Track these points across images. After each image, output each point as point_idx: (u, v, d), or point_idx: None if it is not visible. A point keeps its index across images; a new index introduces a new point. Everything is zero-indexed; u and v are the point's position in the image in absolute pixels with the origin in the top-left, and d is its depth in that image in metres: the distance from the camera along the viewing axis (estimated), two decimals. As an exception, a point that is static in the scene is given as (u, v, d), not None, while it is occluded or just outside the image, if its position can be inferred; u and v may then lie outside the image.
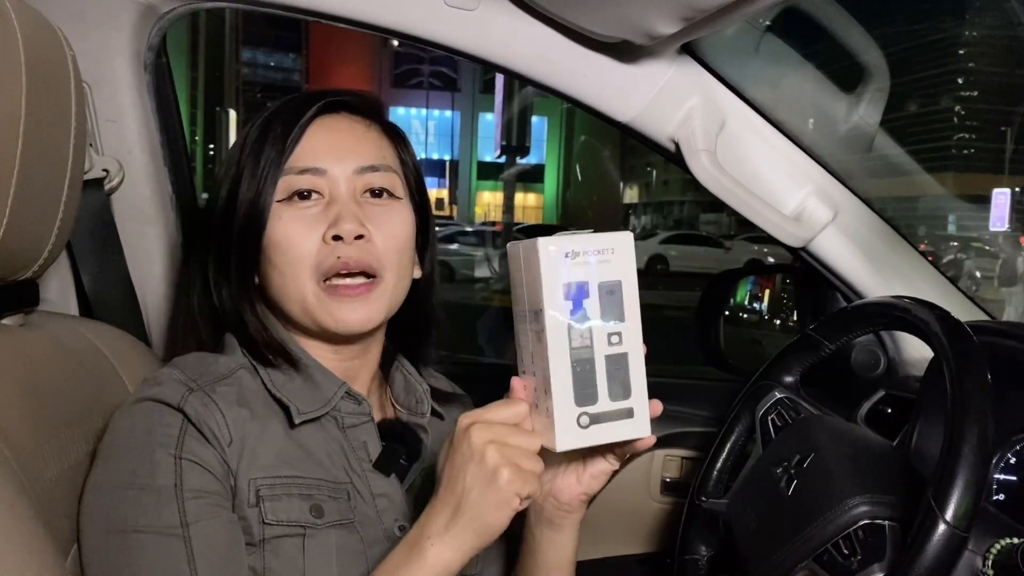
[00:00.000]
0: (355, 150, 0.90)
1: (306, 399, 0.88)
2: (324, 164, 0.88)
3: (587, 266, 0.70)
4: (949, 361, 0.84)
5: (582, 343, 0.70)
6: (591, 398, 0.71)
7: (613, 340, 0.71)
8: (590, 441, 0.72)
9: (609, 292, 0.71)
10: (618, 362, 0.71)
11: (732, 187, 1.23)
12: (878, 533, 0.85)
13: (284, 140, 0.88)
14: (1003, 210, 17.48)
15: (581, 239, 0.70)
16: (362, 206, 0.88)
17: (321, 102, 0.90)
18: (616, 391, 0.72)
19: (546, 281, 0.69)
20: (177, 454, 0.78)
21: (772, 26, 1.40)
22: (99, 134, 1.16)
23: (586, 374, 0.71)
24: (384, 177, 0.90)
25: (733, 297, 1.70)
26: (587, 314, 0.70)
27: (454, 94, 43.31)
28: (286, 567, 0.80)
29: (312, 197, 0.88)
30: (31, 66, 0.72)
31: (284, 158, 0.87)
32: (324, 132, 0.90)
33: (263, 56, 41.13)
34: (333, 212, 0.86)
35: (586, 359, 0.71)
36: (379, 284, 0.88)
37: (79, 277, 1.15)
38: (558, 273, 0.70)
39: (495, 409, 0.75)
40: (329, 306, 0.87)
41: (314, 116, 0.90)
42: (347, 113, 0.93)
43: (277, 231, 0.87)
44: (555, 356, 0.70)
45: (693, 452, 1.44)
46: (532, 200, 45.14)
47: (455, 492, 0.73)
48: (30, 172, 0.74)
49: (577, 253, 0.70)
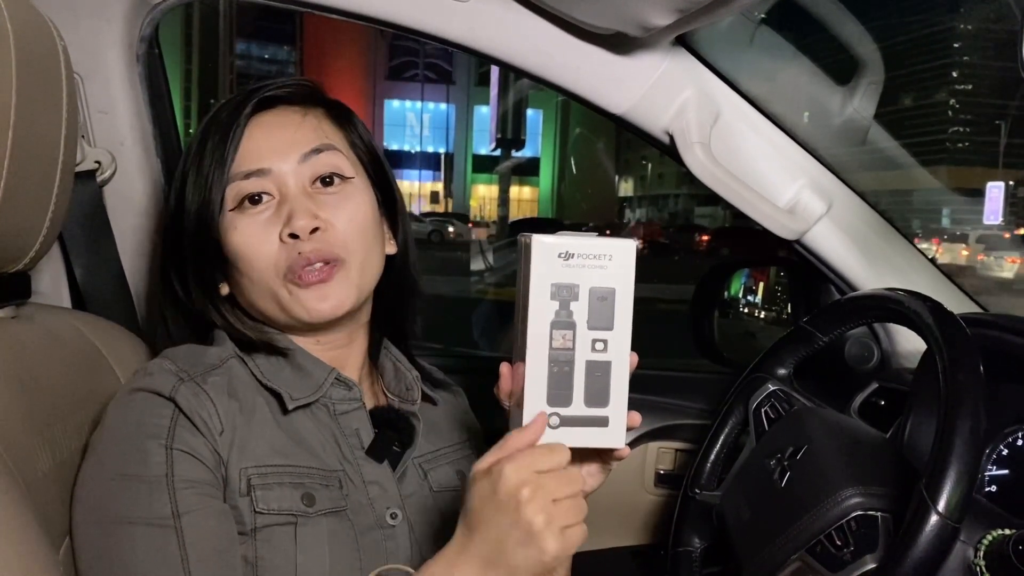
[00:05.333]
0: (294, 140, 0.89)
1: (297, 386, 0.88)
2: (267, 163, 0.87)
3: (580, 269, 0.69)
4: (942, 353, 0.84)
5: (563, 344, 0.70)
6: (564, 400, 0.70)
7: (597, 347, 0.70)
8: (558, 442, 0.71)
9: (600, 298, 0.70)
10: (599, 369, 0.71)
11: (726, 180, 1.23)
12: (871, 524, 0.85)
13: (224, 146, 0.87)
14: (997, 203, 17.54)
15: (579, 241, 0.70)
16: (313, 197, 0.87)
17: (253, 100, 0.89)
18: (593, 397, 0.71)
19: (535, 278, 0.69)
20: (168, 444, 0.78)
21: (767, 18, 1.40)
22: (91, 126, 1.15)
23: (563, 376, 0.70)
24: (329, 158, 0.89)
25: (727, 290, 1.71)
26: (572, 317, 0.70)
27: (449, 87, 43.23)
28: (278, 556, 0.80)
29: (263, 200, 0.87)
30: (22, 57, 0.72)
31: (227, 165, 0.87)
32: (262, 130, 0.89)
33: (257, 48, 40.99)
34: (285, 211, 0.86)
35: (565, 361, 0.70)
36: (341, 267, 0.87)
37: (71, 269, 1.14)
38: (548, 271, 0.69)
39: (537, 455, 0.69)
40: (299, 297, 0.86)
41: (250, 115, 0.89)
42: (283, 106, 0.92)
43: (235, 241, 0.87)
44: (533, 352, 0.70)
45: (687, 444, 1.44)
46: (527, 193, 45.14)
47: (487, 540, 0.69)
48: (21, 164, 0.73)
49: (571, 255, 0.69)
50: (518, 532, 0.67)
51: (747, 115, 1.27)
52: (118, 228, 1.17)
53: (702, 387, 1.50)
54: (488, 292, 12.25)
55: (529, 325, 0.69)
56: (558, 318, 0.70)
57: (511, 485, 0.67)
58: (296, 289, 0.86)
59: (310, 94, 0.94)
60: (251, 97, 0.90)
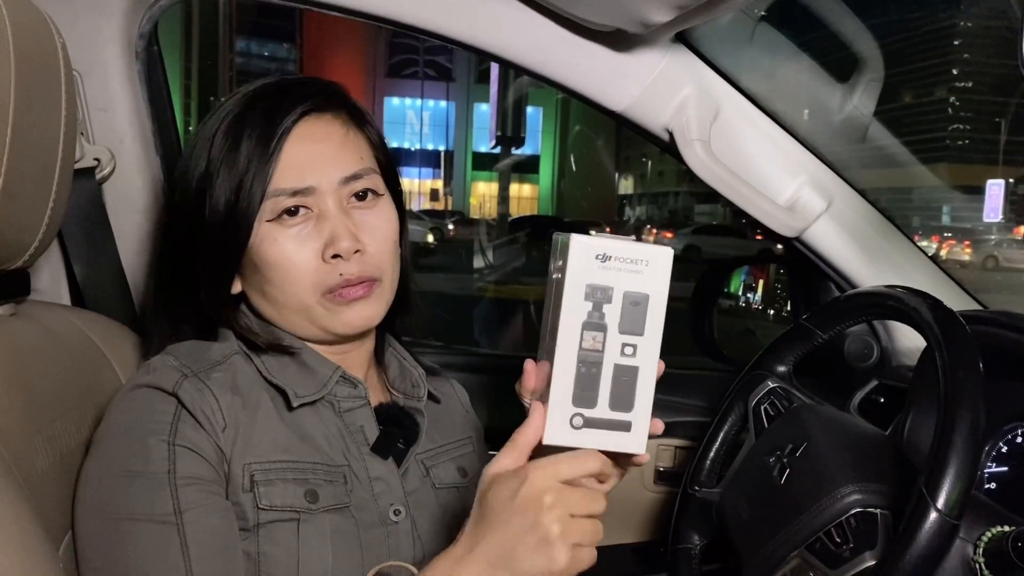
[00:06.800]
0: (337, 160, 0.88)
1: (302, 384, 0.88)
2: (311, 181, 0.86)
3: (617, 272, 0.69)
4: (941, 350, 0.84)
5: (593, 346, 0.70)
6: (590, 401, 0.71)
7: (627, 351, 0.70)
8: (579, 443, 0.71)
9: (634, 304, 0.70)
10: (627, 373, 0.71)
11: (726, 177, 1.23)
12: (870, 521, 0.85)
13: (266, 154, 0.85)
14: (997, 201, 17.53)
15: (617, 244, 0.70)
16: (350, 214, 0.87)
17: (298, 110, 0.87)
18: (618, 401, 0.71)
19: (571, 277, 0.69)
20: (170, 441, 0.78)
21: (766, 15, 1.40)
22: (90, 123, 1.15)
23: (590, 377, 0.70)
24: (367, 181, 0.90)
25: (727, 287, 1.71)
26: (605, 319, 0.70)
27: (449, 84, 43.21)
28: (281, 552, 0.80)
29: (301, 212, 0.87)
30: (20, 54, 0.72)
31: (268, 176, 0.85)
32: (303, 143, 0.87)
33: (257, 45, 40.95)
34: (327, 229, 0.86)
35: (593, 362, 0.70)
36: (379, 285, 0.89)
37: (70, 266, 1.14)
38: (584, 272, 0.69)
39: (564, 462, 0.69)
40: (338, 314, 0.87)
41: (291, 128, 0.87)
42: (319, 114, 0.90)
43: (272, 253, 0.86)
44: (562, 351, 0.70)
45: (686, 441, 1.44)
46: (527, 191, 45.11)
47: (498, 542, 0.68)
48: (20, 161, 0.73)
49: (608, 257, 0.69)
50: (532, 538, 0.67)
51: (747, 112, 1.27)
52: (117, 225, 1.17)
53: (702, 384, 1.50)
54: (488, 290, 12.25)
55: (561, 324, 0.69)
56: (590, 319, 0.69)
57: (535, 490, 0.67)
58: (334, 306, 0.87)
59: (338, 96, 0.93)
60: (291, 102, 0.87)
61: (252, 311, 0.92)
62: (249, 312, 0.92)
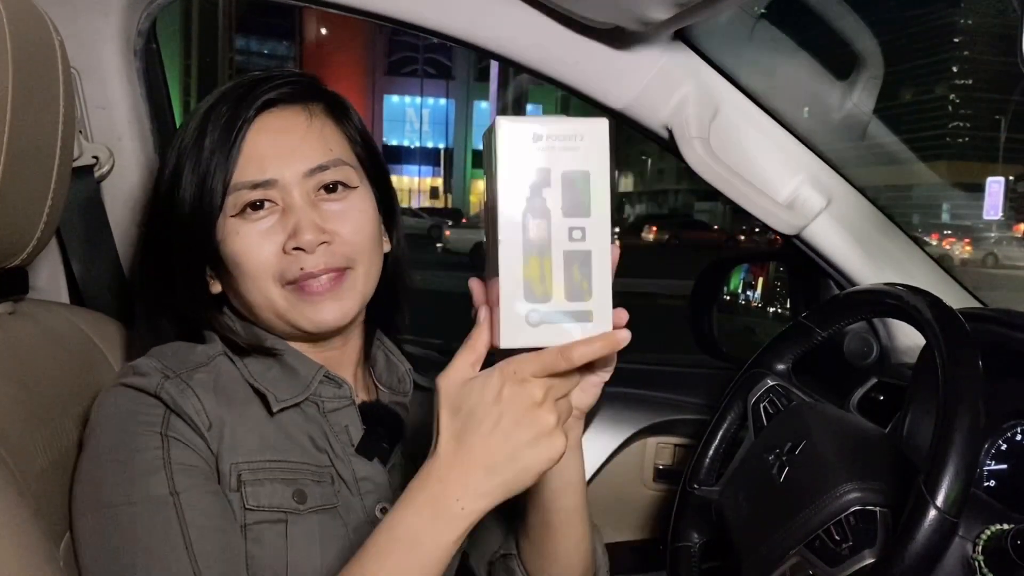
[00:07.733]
0: (300, 151, 0.86)
1: (284, 387, 0.87)
2: (272, 173, 0.84)
3: (552, 152, 0.64)
4: (941, 348, 0.84)
5: (538, 234, 0.64)
6: (543, 295, 0.65)
7: (575, 235, 0.65)
8: (539, 341, 0.65)
9: (573, 183, 0.64)
10: (578, 259, 0.65)
11: (726, 175, 1.22)
12: (869, 519, 0.85)
13: (226, 147, 0.84)
14: (997, 198, 17.53)
15: (546, 122, 0.64)
16: (318, 206, 0.85)
17: (257, 103, 0.86)
18: (574, 290, 0.65)
19: (502, 163, 0.64)
20: (163, 432, 0.78)
21: (766, 13, 1.40)
22: (88, 121, 1.15)
23: (540, 268, 0.64)
24: (335, 172, 0.87)
25: (727, 285, 1.71)
26: (546, 204, 0.64)
27: (449, 82, 43.20)
28: (268, 553, 0.80)
29: (265, 206, 0.85)
30: (18, 51, 0.72)
31: (229, 169, 0.84)
32: (266, 136, 0.86)
33: (256, 43, 40.94)
34: (291, 222, 0.84)
35: (540, 252, 0.64)
36: (349, 275, 0.87)
37: (69, 265, 1.14)
38: (516, 156, 0.64)
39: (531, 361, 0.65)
40: (301, 308, 0.85)
41: (253, 118, 0.85)
42: (285, 105, 0.88)
43: (235, 247, 0.85)
44: (506, 246, 0.64)
45: (685, 440, 1.44)
46: (527, 188, 45.03)
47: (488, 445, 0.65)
48: (18, 159, 0.73)
49: (540, 137, 0.64)
50: (530, 433, 0.65)
51: (746, 110, 1.27)
52: (116, 223, 1.17)
53: (701, 382, 1.50)
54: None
55: (500, 216, 0.64)
56: (531, 206, 0.64)
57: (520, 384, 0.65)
58: (298, 301, 0.85)
59: (309, 89, 0.91)
60: (254, 96, 0.86)
61: (234, 312, 0.91)
62: (231, 314, 0.91)
